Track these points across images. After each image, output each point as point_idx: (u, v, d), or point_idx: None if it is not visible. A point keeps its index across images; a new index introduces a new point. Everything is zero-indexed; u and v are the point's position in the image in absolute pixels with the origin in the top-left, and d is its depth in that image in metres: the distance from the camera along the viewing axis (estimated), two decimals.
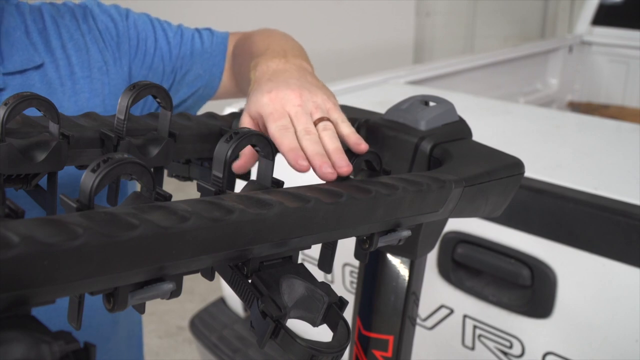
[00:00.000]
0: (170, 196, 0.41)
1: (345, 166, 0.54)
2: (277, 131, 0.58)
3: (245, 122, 0.65)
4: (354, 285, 1.44)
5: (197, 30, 0.98)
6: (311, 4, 4.77)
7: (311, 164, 0.55)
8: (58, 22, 0.84)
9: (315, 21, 4.72)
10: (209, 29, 0.99)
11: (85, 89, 0.83)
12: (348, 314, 0.54)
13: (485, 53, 2.72)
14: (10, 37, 0.79)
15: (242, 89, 0.92)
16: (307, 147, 0.56)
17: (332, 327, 0.45)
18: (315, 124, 0.60)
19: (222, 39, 0.97)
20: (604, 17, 3.06)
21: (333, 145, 0.57)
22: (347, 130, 0.61)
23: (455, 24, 5.93)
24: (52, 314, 0.51)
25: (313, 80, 0.67)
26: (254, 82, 0.68)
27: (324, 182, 0.52)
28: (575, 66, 3.10)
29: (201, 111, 0.99)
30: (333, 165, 0.54)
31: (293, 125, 0.59)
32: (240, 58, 0.88)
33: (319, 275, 1.39)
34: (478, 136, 0.73)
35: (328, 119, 0.61)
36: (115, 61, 0.87)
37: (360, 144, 0.58)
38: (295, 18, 4.53)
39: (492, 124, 1.60)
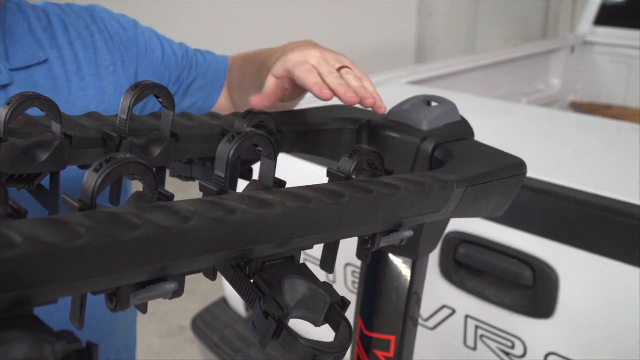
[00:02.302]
0: (173, 196, 0.41)
1: (370, 98, 0.60)
2: (302, 72, 0.64)
3: (270, 84, 0.70)
4: (356, 286, 1.44)
5: (198, 50, 1.04)
6: (312, 4, 4.77)
7: (336, 94, 0.61)
8: (65, 21, 0.87)
9: (317, 21, 4.72)
10: (208, 51, 1.05)
11: (92, 86, 0.85)
12: (350, 314, 0.54)
13: (487, 53, 2.72)
14: (14, 35, 0.81)
15: (246, 92, 0.94)
16: (331, 83, 0.62)
17: (334, 327, 0.45)
18: (338, 71, 0.65)
19: (223, 57, 1.03)
20: (606, 17, 3.06)
21: (357, 83, 0.63)
22: (370, 86, 0.65)
23: (457, 24, 5.93)
24: (57, 313, 0.51)
25: (323, 47, 0.74)
26: (279, 53, 0.74)
27: (326, 182, 0.52)
28: (577, 66, 3.10)
29: None
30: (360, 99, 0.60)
31: (318, 71, 0.65)
32: (245, 67, 0.93)
33: (321, 275, 1.39)
34: (480, 136, 0.73)
35: (350, 69, 0.66)
36: (124, 63, 0.90)
37: (381, 107, 0.64)
38: (296, 18, 4.53)
39: (494, 124, 1.60)
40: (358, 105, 0.77)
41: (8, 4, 0.82)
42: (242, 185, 0.53)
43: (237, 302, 1.84)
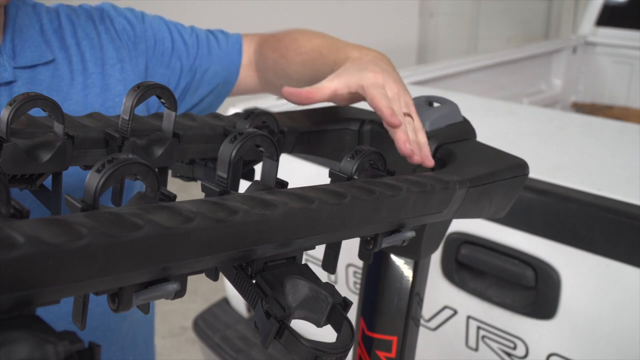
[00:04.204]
0: (175, 196, 0.41)
1: (418, 155, 0.64)
2: (377, 95, 0.65)
3: (333, 85, 0.69)
4: (358, 286, 1.44)
5: (210, 31, 1.02)
6: (314, 4, 4.77)
7: (394, 132, 0.64)
8: (74, 22, 0.89)
9: (319, 22, 4.71)
10: (221, 30, 1.03)
11: (97, 84, 0.86)
12: (351, 314, 0.54)
13: (488, 54, 2.72)
14: (23, 34, 0.82)
15: (287, 76, 0.94)
16: None
17: (336, 328, 0.45)
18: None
19: (236, 38, 1.01)
20: (608, 17, 3.06)
21: (413, 136, 0.65)
22: (423, 140, 0.67)
23: (458, 25, 5.93)
24: (54, 308, 0.51)
25: (401, 80, 0.73)
26: (353, 60, 0.74)
27: (328, 182, 0.52)
28: (579, 67, 3.09)
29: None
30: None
31: None
32: (285, 50, 0.91)
33: (323, 275, 1.39)
34: (481, 137, 0.73)
35: (412, 118, 0.68)
36: (132, 59, 0.91)
37: (430, 160, 0.65)
38: (298, 18, 4.53)
39: (496, 125, 1.60)
40: (360, 105, 0.77)
41: (22, 6, 0.85)
42: (244, 185, 0.53)
43: (238, 302, 1.84)
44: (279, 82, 0.94)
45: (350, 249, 0.62)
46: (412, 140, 0.65)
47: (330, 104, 0.80)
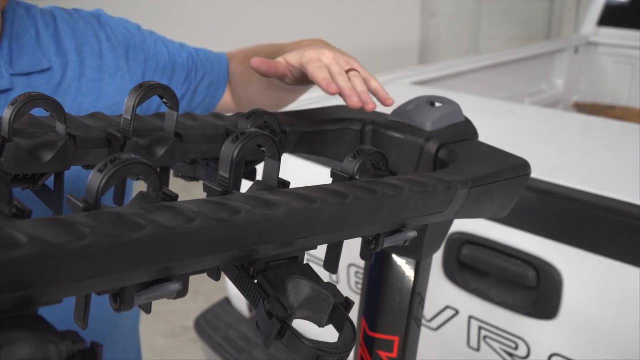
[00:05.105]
0: (177, 196, 0.41)
1: (371, 103, 0.68)
2: (314, 69, 0.71)
3: (279, 61, 0.75)
4: (359, 286, 1.44)
5: (197, 48, 1.06)
6: (316, 4, 4.77)
7: (342, 94, 0.68)
8: (73, 27, 0.88)
9: (320, 22, 4.72)
10: (205, 49, 1.07)
11: (94, 92, 0.86)
12: (353, 314, 0.54)
13: (490, 54, 2.72)
14: (20, 40, 0.81)
15: (251, 86, 0.98)
16: (339, 83, 0.69)
17: (338, 328, 0.45)
18: (346, 72, 0.71)
19: (222, 54, 1.06)
20: (610, 17, 3.05)
21: (362, 87, 0.69)
22: (377, 85, 0.71)
23: (460, 25, 5.92)
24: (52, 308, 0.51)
25: (338, 49, 0.79)
26: (294, 47, 0.82)
27: (330, 182, 0.52)
28: (581, 67, 3.09)
29: None
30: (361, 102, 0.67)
31: (328, 70, 0.71)
32: (249, 68, 0.95)
33: (325, 275, 1.39)
34: (483, 137, 0.73)
35: (358, 72, 0.72)
36: (130, 69, 0.91)
37: (388, 99, 0.70)
38: (299, 18, 4.53)
39: (497, 125, 1.60)
40: None
41: (17, 9, 0.83)
42: (246, 185, 0.53)
43: (240, 302, 1.84)
44: (245, 95, 1.00)
45: (352, 249, 0.62)
46: (363, 91, 0.69)
47: (331, 104, 0.80)
